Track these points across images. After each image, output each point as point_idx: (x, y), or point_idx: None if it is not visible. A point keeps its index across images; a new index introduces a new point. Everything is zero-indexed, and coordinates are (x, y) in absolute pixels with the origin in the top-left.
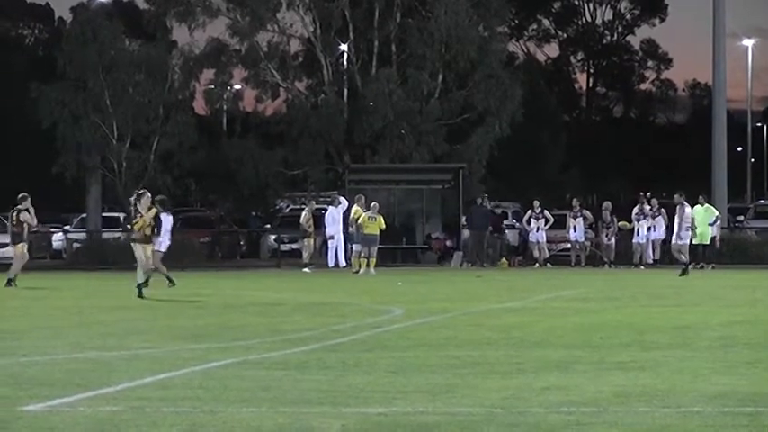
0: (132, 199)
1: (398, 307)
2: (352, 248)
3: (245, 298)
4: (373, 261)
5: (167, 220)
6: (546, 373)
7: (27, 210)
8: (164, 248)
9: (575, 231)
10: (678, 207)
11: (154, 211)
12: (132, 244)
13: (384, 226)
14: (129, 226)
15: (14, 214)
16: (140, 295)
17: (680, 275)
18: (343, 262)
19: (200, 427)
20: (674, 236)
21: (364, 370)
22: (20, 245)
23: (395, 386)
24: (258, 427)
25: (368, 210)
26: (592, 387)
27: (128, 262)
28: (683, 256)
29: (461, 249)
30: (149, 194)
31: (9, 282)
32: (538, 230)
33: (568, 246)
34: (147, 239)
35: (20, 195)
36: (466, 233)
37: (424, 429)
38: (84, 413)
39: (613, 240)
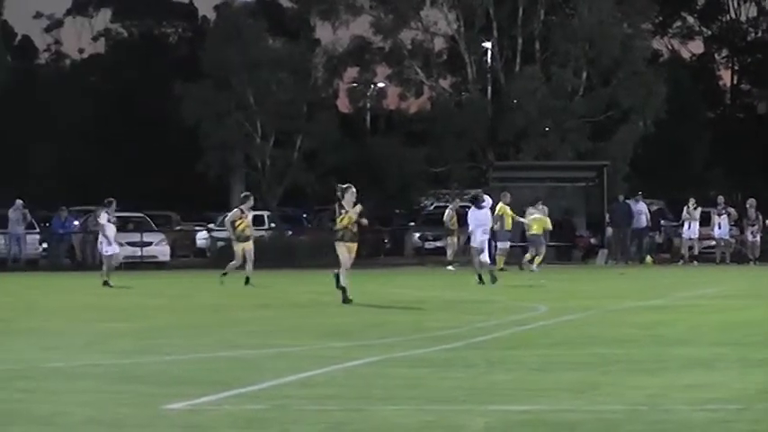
0: (339, 193)
1: (542, 304)
2: (496, 246)
3: (389, 296)
4: (538, 259)
5: (476, 215)
6: (690, 370)
7: (242, 210)
8: (477, 244)
9: (719, 229)
10: None
11: (359, 207)
12: (336, 243)
13: (548, 226)
14: (332, 223)
15: (239, 213)
16: (345, 300)
17: None
18: (487, 260)
19: (343, 425)
20: None
21: (508, 368)
22: (241, 243)
23: (539, 384)
24: (402, 425)
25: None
26: (736, 384)
27: (270, 260)
28: None
29: (606, 247)
30: (354, 189)
31: (247, 280)
32: (690, 227)
33: (713, 243)
34: (354, 238)
35: (243, 195)
36: (610, 230)
37: (567, 427)
38: (228, 411)
39: (759, 237)
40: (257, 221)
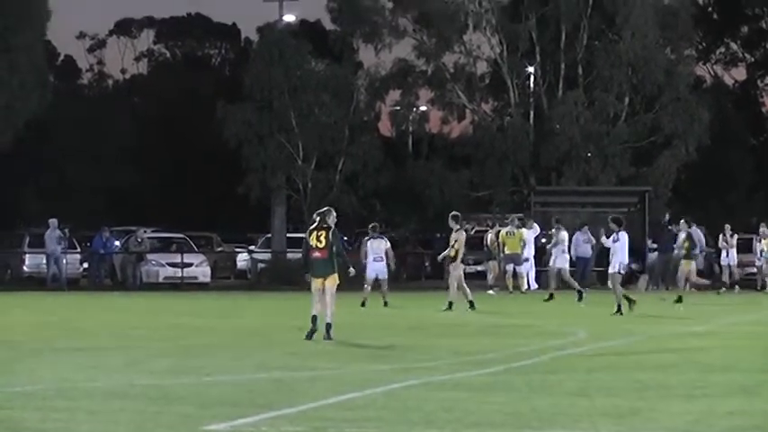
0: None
1: (583, 329)
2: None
3: (429, 319)
4: (522, 280)
5: None
6: (730, 397)
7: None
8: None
9: (761, 255)
10: None
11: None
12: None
13: (524, 240)
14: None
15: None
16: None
17: None
18: (534, 285)
19: None
20: None
21: (548, 392)
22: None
23: (579, 409)
24: None
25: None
26: None
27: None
28: None
29: (647, 272)
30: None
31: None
32: (728, 255)
33: (755, 270)
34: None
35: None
36: (651, 256)
37: None
38: None
39: None
40: (298, 243)
